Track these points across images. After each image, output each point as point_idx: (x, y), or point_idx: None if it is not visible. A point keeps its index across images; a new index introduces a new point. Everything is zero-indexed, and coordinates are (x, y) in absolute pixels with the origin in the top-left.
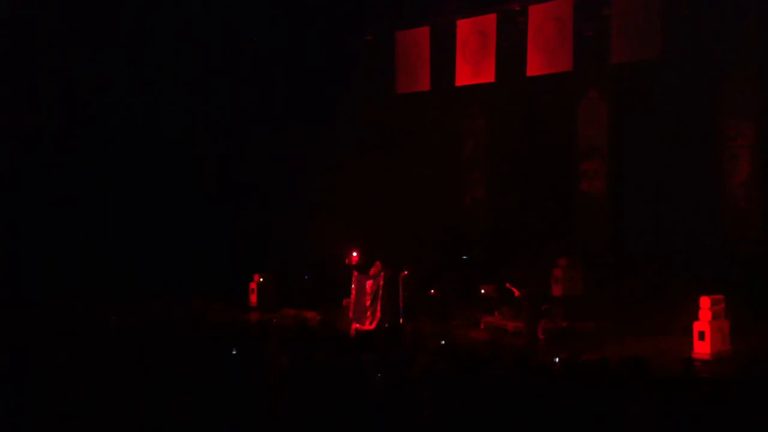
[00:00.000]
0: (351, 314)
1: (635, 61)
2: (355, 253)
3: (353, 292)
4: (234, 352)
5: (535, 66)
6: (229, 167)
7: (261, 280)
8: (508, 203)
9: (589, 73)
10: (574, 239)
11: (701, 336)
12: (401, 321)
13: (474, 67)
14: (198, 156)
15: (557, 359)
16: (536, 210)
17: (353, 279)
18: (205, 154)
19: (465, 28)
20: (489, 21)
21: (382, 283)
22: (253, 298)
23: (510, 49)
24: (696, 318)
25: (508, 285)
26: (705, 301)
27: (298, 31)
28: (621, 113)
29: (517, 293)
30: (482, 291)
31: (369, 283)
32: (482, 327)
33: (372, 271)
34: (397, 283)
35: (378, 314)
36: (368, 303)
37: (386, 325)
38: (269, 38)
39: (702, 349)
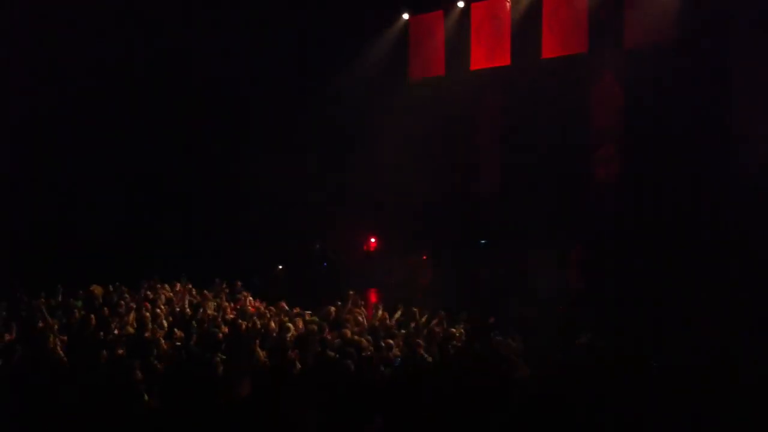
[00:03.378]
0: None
1: (650, 46)
2: (372, 240)
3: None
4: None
5: (550, 48)
6: (240, 158)
7: (280, 268)
8: (522, 188)
9: (604, 58)
10: (587, 225)
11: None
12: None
13: (489, 50)
14: (209, 148)
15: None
16: (550, 195)
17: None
18: (215, 147)
19: (479, 11)
20: (503, 4)
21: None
22: (273, 288)
23: (524, 32)
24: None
25: None
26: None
27: (307, 19)
28: (636, 98)
29: None
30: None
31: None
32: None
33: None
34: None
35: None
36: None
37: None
38: (277, 26)
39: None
